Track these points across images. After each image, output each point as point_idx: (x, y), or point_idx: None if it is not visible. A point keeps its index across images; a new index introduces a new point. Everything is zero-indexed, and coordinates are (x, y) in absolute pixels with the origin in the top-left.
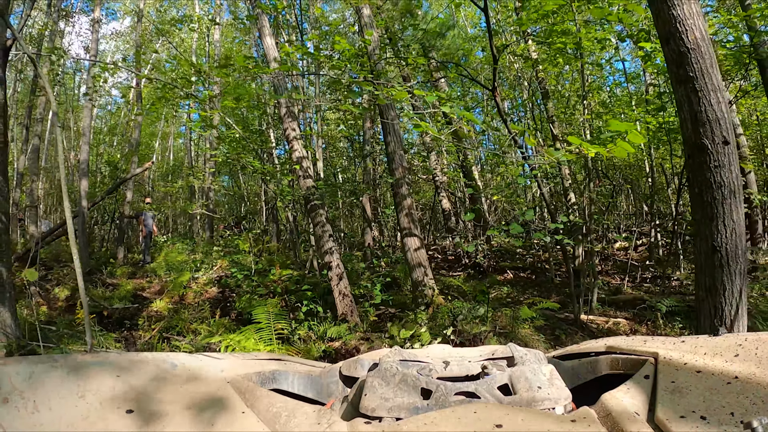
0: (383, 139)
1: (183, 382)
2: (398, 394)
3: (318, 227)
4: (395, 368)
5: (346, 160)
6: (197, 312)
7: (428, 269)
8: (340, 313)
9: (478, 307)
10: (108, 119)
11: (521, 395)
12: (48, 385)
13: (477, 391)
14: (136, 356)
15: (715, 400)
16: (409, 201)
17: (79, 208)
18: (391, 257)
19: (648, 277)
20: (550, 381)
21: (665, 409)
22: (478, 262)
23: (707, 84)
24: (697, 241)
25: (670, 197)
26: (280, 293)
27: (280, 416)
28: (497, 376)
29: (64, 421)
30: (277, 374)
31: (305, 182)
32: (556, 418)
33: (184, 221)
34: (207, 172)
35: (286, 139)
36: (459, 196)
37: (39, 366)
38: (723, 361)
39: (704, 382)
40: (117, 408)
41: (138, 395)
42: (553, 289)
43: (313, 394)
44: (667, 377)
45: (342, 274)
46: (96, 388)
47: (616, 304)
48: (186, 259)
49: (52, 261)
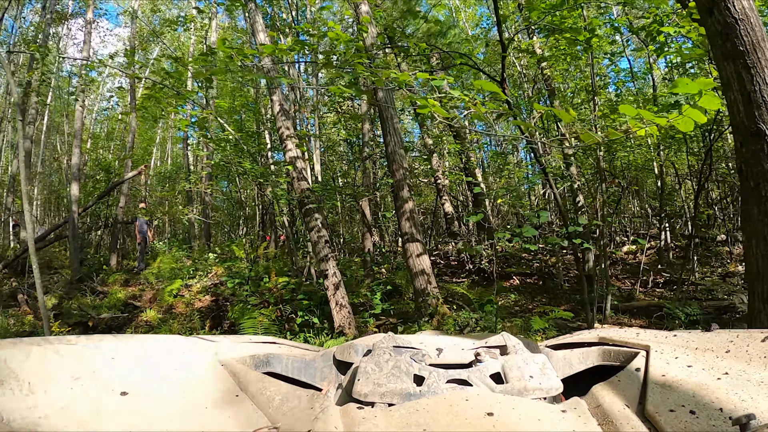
0: (382, 140)
1: (177, 364)
2: (391, 380)
3: (313, 232)
4: (388, 354)
5: (345, 164)
6: (187, 322)
7: (431, 277)
8: (337, 325)
9: (487, 317)
10: (107, 125)
11: (513, 384)
12: (43, 368)
13: (469, 379)
14: (131, 338)
15: (704, 396)
16: (410, 204)
17: (70, 213)
18: (392, 263)
19: (660, 282)
20: (542, 371)
21: (655, 403)
22: (482, 268)
23: (760, 59)
24: (751, 243)
25: (683, 198)
26: (275, 302)
27: (273, 400)
28: (490, 364)
29: (59, 403)
30: (271, 357)
31: (300, 184)
32: (547, 407)
33: (183, 227)
34: (203, 177)
35: (280, 139)
36: (461, 200)
37: (34, 348)
38: (714, 357)
39: (695, 377)
40: (112, 390)
41: (132, 377)
42: (563, 295)
43: (307, 378)
44: (657, 370)
45: (339, 283)
46: (91, 370)
47: (629, 311)
48: (178, 266)
49: (44, 267)
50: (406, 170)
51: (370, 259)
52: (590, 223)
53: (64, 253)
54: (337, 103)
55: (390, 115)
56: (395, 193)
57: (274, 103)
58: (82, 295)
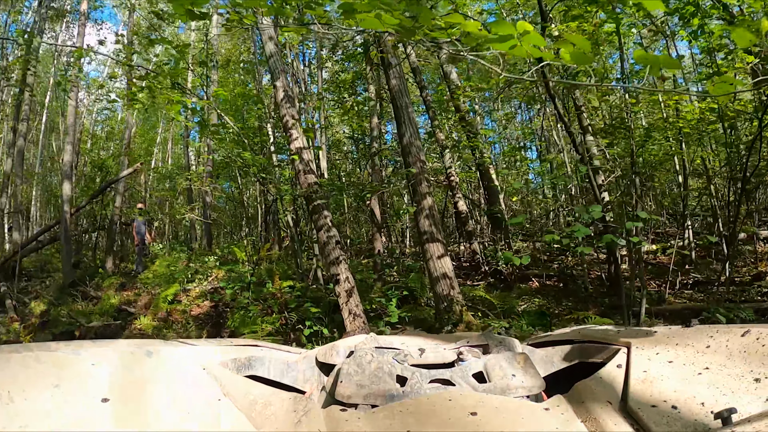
0: (397, 130)
1: (159, 369)
2: (374, 381)
3: (322, 232)
4: (371, 355)
5: (351, 163)
6: (183, 331)
7: (454, 281)
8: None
9: (516, 324)
10: (107, 125)
11: (496, 383)
12: (23, 375)
13: (452, 379)
14: (112, 344)
15: (686, 391)
16: (429, 200)
17: (62, 213)
18: (403, 265)
19: (689, 283)
20: (525, 369)
21: (637, 398)
22: (499, 270)
23: None
24: None
25: (713, 193)
26: (279, 310)
27: (256, 403)
28: (472, 363)
29: (40, 410)
30: (254, 361)
31: (306, 178)
32: (530, 405)
33: (184, 229)
34: (204, 175)
35: (284, 128)
36: (473, 198)
37: (13, 356)
38: (694, 352)
39: (676, 373)
40: (93, 396)
41: (113, 383)
42: (589, 299)
43: (289, 380)
44: (639, 367)
45: (352, 289)
46: (71, 376)
47: (662, 315)
48: (177, 269)
49: (37, 271)
50: (423, 163)
51: (380, 261)
52: (650, 218)
53: (59, 256)
54: (342, 97)
55: (404, 103)
56: (412, 188)
57: (278, 89)
58: (73, 301)
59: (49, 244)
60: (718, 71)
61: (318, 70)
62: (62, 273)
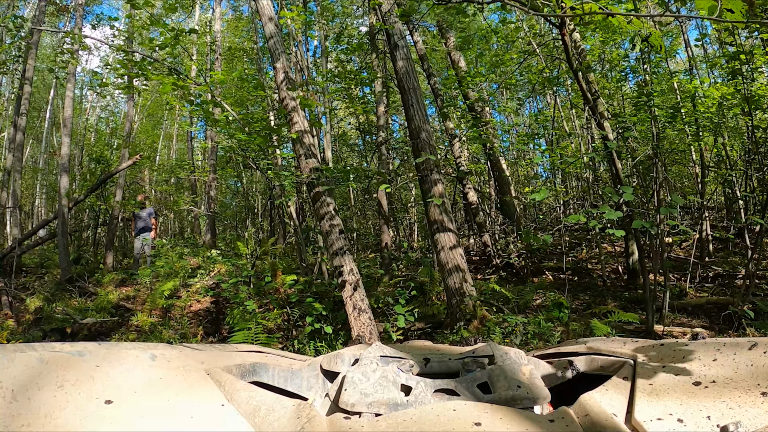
0: (405, 114)
1: (162, 373)
2: (378, 389)
3: (325, 221)
4: (375, 364)
5: (357, 156)
6: (180, 328)
7: (467, 273)
8: (356, 334)
9: (534, 320)
10: (112, 122)
11: (500, 394)
12: (26, 375)
13: (456, 389)
14: (115, 346)
15: (692, 404)
16: (440, 188)
17: (59, 207)
18: (411, 259)
19: (709, 276)
20: (530, 380)
21: (643, 411)
22: (510, 263)
23: None
24: None
25: (736, 182)
26: (280, 305)
27: (259, 410)
28: (477, 374)
29: (43, 410)
30: (258, 367)
31: (308, 162)
32: (535, 417)
33: (188, 224)
34: (208, 169)
35: (285, 112)
36: (483, 191)
37: (17, 355)
38: (701, 366)
39: (682, 386)
40: (96, 398)
41: (117, 386)
42: (606, 293)
43: (293, 387)
44: (645, 379)
45: (357, 282)
46: (75, 378)
47: (685, 309)
48: (178, 265)
49: (37, 267)
50: (434, 148)
51: (388, 255)
52: (689, 200)
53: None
54: (348, 86)
55: (412, 86)
56: (422, 176)
57: (278, 71)
58: (70, 297)
59: (50, 239)
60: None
61: (323, 58)
62: (59, 268)
